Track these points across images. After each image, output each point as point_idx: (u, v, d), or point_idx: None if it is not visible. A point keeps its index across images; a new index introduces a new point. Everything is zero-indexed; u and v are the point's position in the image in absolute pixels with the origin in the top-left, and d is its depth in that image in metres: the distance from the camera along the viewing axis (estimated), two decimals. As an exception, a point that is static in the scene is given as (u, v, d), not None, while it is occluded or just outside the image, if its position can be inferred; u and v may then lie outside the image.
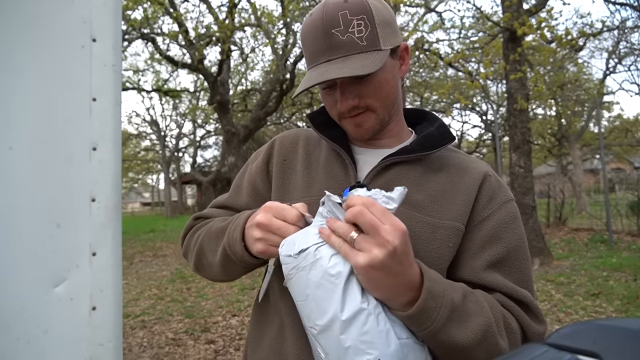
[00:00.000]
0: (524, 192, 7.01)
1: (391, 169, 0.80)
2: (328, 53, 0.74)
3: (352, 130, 0.82)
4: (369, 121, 0.80)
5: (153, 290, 6.27)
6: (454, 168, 0.82)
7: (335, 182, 0.82)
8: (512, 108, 7.17)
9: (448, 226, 0.76)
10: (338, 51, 0.73)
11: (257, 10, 8.92)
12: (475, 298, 0.69)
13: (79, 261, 0.80)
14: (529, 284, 0.78)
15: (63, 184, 0.81)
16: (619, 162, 24.25)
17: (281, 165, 0.89)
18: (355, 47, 0.73)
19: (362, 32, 0.73)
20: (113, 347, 0.82)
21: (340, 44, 0.73)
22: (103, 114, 0.84)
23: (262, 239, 0.71)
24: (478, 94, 17.55)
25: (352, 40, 0.73)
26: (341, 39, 0.73)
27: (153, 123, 25.19)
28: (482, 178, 0.81)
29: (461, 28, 10.60)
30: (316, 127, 0.88)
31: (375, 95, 0.78)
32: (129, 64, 16.31)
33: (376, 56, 0.73)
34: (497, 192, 0.81)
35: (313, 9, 0.79)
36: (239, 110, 16.68)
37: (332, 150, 0.87)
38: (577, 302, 4.71)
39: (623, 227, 8.86)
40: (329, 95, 0.80)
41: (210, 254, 0.84)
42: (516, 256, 0.77)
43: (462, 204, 0.78)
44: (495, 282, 0.74)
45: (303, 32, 0.79)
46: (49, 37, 0.82)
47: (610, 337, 0.36)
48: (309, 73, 0.77)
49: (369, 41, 0.74)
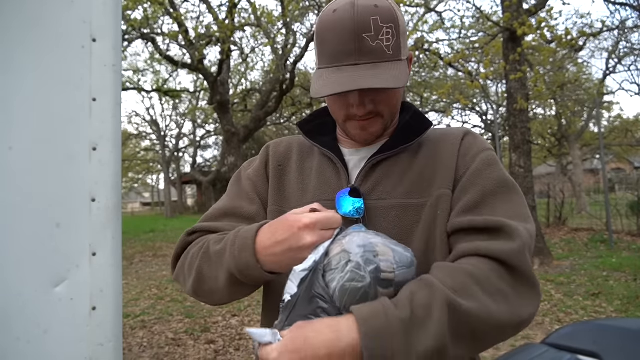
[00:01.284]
0: (524, 192, 6.99)
1: (378, 167, 0.82)
2: (356, 57, 0.73)
3: (356, 133, 0.82)
4: (376, 126, 0.81)
5: (153, 290, 6.27)
6: (433, 143, 0.84)
7: (328, 187, 0.83)
8: (512, 108, 7.17)
9: (437, 195, 0.77)
10: (367, 57, 0.73)
11: (257, 10, 8.92)
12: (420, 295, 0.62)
13: (79, 261, 0.80)
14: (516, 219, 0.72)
15: (63, 184, 0.81)
16: (619, 162, 24.25)
17: (276, 170, 0.90)
18: (383, 55, 0.73)
19: (390, 41, 0.73)
20: (113, 347, 0.82)
21: (370, 50, 0.73)
22: (103, 114, 0.84)
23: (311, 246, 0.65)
24: (478, 94, 17.55)
25: (381, 48, 0.73)
26: (371, 45, 0.72)
27: (153, 123, 25.19)
28: (460, 140, 0.82)
29: (461, 28, 10.61)
30: (307, 135, 0.90)
31: (388, 103, 0.79)
32: (129, 64, 16.32)
33: (401, 67, 0.75)
34: (473, 147, 0.82)
35: (334, 3, 0.77)
36: (239, 110, 16.68)
37: (323, 156, 0.88)
38: (577, 302, 4.71)
39: (623, 227, 8.86)
40: (341, 98, 0.79)
41: (212, 282, 0.77)
42: (494, 199, 0.75)
43: (446, 170, 0.79)
44: (459, 223, 0.73)
45: (325, 27, 0.76)
46: (49, 37, 0.82)
47: (610, 337, 0.36)
48: (332, 74, 0.74)
49: (394, 51, 0.74)
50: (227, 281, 0.73)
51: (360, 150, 0.87)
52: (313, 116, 0.94)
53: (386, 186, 0.80)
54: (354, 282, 0.61)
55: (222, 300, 0.80)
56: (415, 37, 8.71)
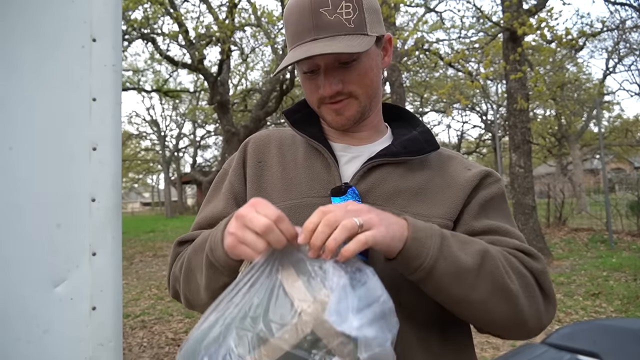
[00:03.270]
0: (524, 192, 7.01)
1: (376, 171, 0.80)
2: (314, 32, 0.72)
3: (332, 118, 0.80)
4: (351, 109, 0.79)
5: (153, 290, 6.27)
6: (439, 167, 0.83)
7: (318, 182, 0.80)
8: (512, 108, 7.17)
9: (436, 223, 0.75)
10: (325, 31, 0.72)
11: (257, 10, 8.92)
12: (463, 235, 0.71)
13: (79, 261, 0.80)
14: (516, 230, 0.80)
15: (63, 184, 0.81)
16: (619, 162, 24.24)
17: (256, 167, 0.85)
18: (342, 28, 0.72)
19: (350, 15, 0.72)
20: (113, 347, 0.82)
21: (328, 24, 0.72)
22: (103, 114, 0.84)
23: (234, 233, 0.61)
24: (478, 94, 17.55)
25: (340, 22, 0.72)
26: (329, 19, 0.72)
27: (153, 123, 25.20)
28: (478, 178, 0.82)
29: (461, 28, 10.60)
30: (293, 125, 0.86)
31: (359, 82, 0.77)
32: (129, 64, 16.32)
33: (363, 39, 0.73)
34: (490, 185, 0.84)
35: None
36: (239, 110, 16.67)
37: (310, 148, 0.84)
38: (577, 302, 4.71)
39: (623, 227, 8.86)
40: (311, 80, 0.79)
41: (198, 272, 0.74)
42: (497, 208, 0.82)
43: (451, 201, 0.78)
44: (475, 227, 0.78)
45: (288, 11, 0.77)
46: (49, 37, 0.82)
47: (610, 337, 0.36)
48: (292, 52, 0.75)
49: (357, 24, 0.73)
50: (205, 267, 0.71)
51: (351, 148, 0.84)
52: (300, 105, 0.90)
53: (382, 192, 0.78)
54: None
55: (205, 299, 0.74)
56: (415, 37, 8.69)
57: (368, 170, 0.79)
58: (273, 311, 0.56)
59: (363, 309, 0.56)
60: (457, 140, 23.29)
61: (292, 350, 0.54)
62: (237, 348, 0.55)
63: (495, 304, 0.67)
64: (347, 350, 0.54)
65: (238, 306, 0.58)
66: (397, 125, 0.91)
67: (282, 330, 0.54)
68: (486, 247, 0.68)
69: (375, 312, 0.56)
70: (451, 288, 0.65)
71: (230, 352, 0.55)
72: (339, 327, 0.53)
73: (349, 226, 0.58)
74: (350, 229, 0.58)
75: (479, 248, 0.67)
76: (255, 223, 0.59)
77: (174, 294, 0.85)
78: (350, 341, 0.54)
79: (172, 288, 0.84)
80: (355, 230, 0.58)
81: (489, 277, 0.66)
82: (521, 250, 0.74)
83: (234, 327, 0.56)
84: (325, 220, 0.58)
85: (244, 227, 0.60)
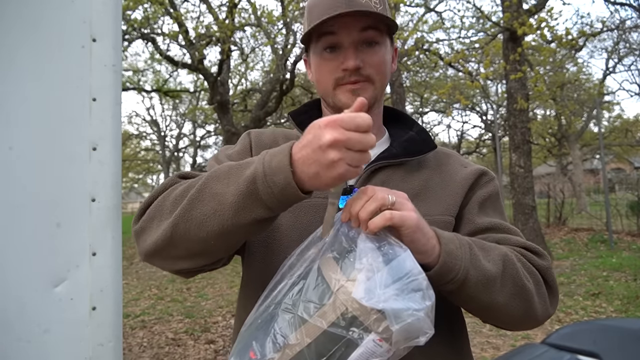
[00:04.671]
0: (524, 192, 7.01)
1: (378, 173, 0.82)
2: (346, 5, 0.75)
3: (347, 98, 0.80)
4: (367, 92, 0.81)
5: (153, 290, 6.27)
6: (438, 166, 0.86)
7: None
8: (512, 108, 7.17)
9: (438, 220, 0.78)
10: (357, 5, 0.75)
11: (257, 10, 8.91)
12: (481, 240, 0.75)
13: (79, 261, 0.80)
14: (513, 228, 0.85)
15: (63, 183, 0.81)
16: (619, 162, 24.23)
17: None
18: (371, 9, 0.76)
19: (378, 4, 0.78)
20: (113, 347, 0.82)
21: (359, 2, 0.76)
22: (103, 114, 0.84)
23: (342, 159, 0.56)
24: (478, 94, 17.54)
25: (369, 4, 0.76)
26: (361, 1, 0.76)
27: (153, 123, 25.19)
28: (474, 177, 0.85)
29: (461, 28, 10.60)
30: (299, 126, 0.87)
31: (377, 68, 0.81)
32: (129, 64, 16.31)
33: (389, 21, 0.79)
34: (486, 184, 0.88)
35: None
36: (239, 110, 16.67)
37: None
38: (577, 302, 4.71)
39: (623, 227, 8.86)
40: (330, 60, 0.81)
41: (216, 200, 0.63)
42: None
43: (450, 198, 0.82)
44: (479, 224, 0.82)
45: (314, 2, 0.81)
46: (49, 37, 0.82)
47: (610, 337, 0.36)
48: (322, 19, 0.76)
49: (382, 12, 0.78)
50: (239, 195, 0.61)
51: None
52: (306, 106, 0.92)
53: None
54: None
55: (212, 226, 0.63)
56: (415, 37, 8.69)
57: (371, 172, 0.82)
58: (312, 293, 0.59)
59: (392, 283, 0.57)
60: (457, 140, 23.28)
61: (330, 329, 0.56)
62: (281, 329, 0.59)
63: (516, 304, 0.72)
64: (382, 327, 0.55)
65: (281, 292, 0.63)
66: (394, 126, 0.93)
67: (320, 310, 0.57)
68: (504, 252, 0.73)
69: (405, 285, 0.57)
70: (480, 295, 0.69)
71: (275, 334, 0.59)
72: (367, 303, 0.55)
73: (379, 198, 0.61)
74: (381, 201, 0.61)
75: (499, 253, 0.72)
76: (364, 142, 0.57)
77: (145, 222, 0.72)
78: (384, 317, 0.55)
79: (147, 215, 0.72)
80: (385, 204, 0.61)
81: (510, 280, 0.70)
82: (527, 248, 0.78)
83: (279, 311, 0.61)
84: (362, 191, 0.62)
85: (348, 150, 0.56)
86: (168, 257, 0.70)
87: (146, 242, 0.70)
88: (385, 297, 0.55)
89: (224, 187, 0.63)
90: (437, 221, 0.78)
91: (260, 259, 0.81)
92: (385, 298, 0.55)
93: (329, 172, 0.57)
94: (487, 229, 0.80)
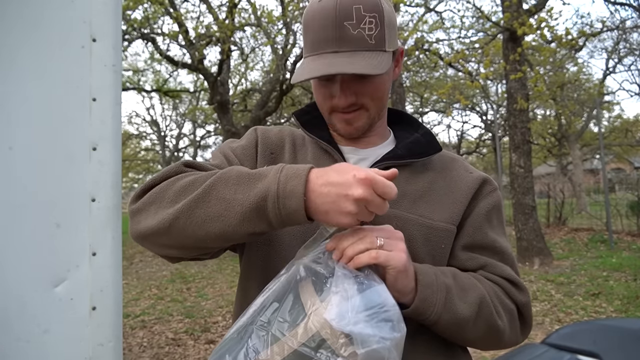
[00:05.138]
0: (524, 192, 7.01)
1: None
2: (336, 44, 0.73)
3: (341, 126, 0.82)
4: (361, 120, 0.80)
5: (153, 290, 6.27)
6: (442, 169, 0.86)
7: None
8: (512, 108, 7.17)
9: (441, 228, 0.79)
10: (347, 45, 0.73)
11: (257, 10, 8.92)
12: (465, 276, 0.77)
13: (79, 261, 0.80)
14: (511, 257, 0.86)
15: (63, 184, 0.81)
16: (619, 162, 24.23)
17: (268, 157, 0.85)
18: (364, 44, 0.73)
19: (372, 31, 0.73)
20: (113, 347, 0.82)
21: (351, 38, 0.72)
22: (103, 114, 0.84)
23: (357, 213, 0.60)
24: (478, 94, 17.54)
25: (362, 37, 0.73)
26: (352, 33, 0.72)
27: (153, 123, 25.19)
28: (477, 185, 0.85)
29: (461, 28, 10.61)
30: (303, 126, 0.88)
31: (372, 95, 0.78)
32: (129, 64, 16.30)
33: (382, 57, 0.74)
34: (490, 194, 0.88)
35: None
36: (239, 110, 16.67)
37: (320, 150, 0.85)
38: (577, 302, 4.71)
39: (623, 227, 8.86)
40: (324, 88, 0.79)
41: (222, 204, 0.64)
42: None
43: (454, 205, 0.81)
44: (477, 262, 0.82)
45: (309, 16, 0.76)
46: (49, 37, 0.82)
47: (610, 337, 0.36)
48: (312, 61, 0.75)
49: (377, 41, 0.74)
50: (248, 207, 0.62)
51: (359, 151, 0.85)
52: (311, 107, 0.91)
53: None
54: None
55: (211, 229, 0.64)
56: (415, 37, 8.69)
57: None
58: (287, 314, 0.61)
59: (364, 310, 0.58)
60: (457, 140, 23.29)
61: (299, 348, 0.58)
62: (253, 345, 0.61)
63: (486, 340, 0.78)
64: (349, 351, 0.56)
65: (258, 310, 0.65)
66: (399, 128, 0.93)
67: (293, 330, 0.59)
68: (482, 293, 0.75)
69: (376, 313, 0.59)
70: (452, 333, 0.75)
71: (248, 349, 0.61)
72: (337, 325, 0.56)
73: (368, 242, 0.64)
74: (369, 245, 0.64)
75: (477, 295, 0.74)
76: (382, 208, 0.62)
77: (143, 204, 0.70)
78: (351, 342, 0.56)
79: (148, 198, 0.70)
80: (373, 245, 0.64)
81: (484, 322, 0.74)
82: (510, 281, 0.80)
83: (254, 327, 0.63)
84: (355, 231, 0.65)
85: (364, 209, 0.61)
86: (159, 243, 0.71)
87: (140, 223, 0.70)
88: (354, 320, 0.57)
89: (232, 194, 0.64)
90: (439, 228, 0.78)
91: (261, 257, 0.81)
92: (355, 322, 0.57)
93: (339, 217, 0.61)
94: (483, 248, 0.82)
